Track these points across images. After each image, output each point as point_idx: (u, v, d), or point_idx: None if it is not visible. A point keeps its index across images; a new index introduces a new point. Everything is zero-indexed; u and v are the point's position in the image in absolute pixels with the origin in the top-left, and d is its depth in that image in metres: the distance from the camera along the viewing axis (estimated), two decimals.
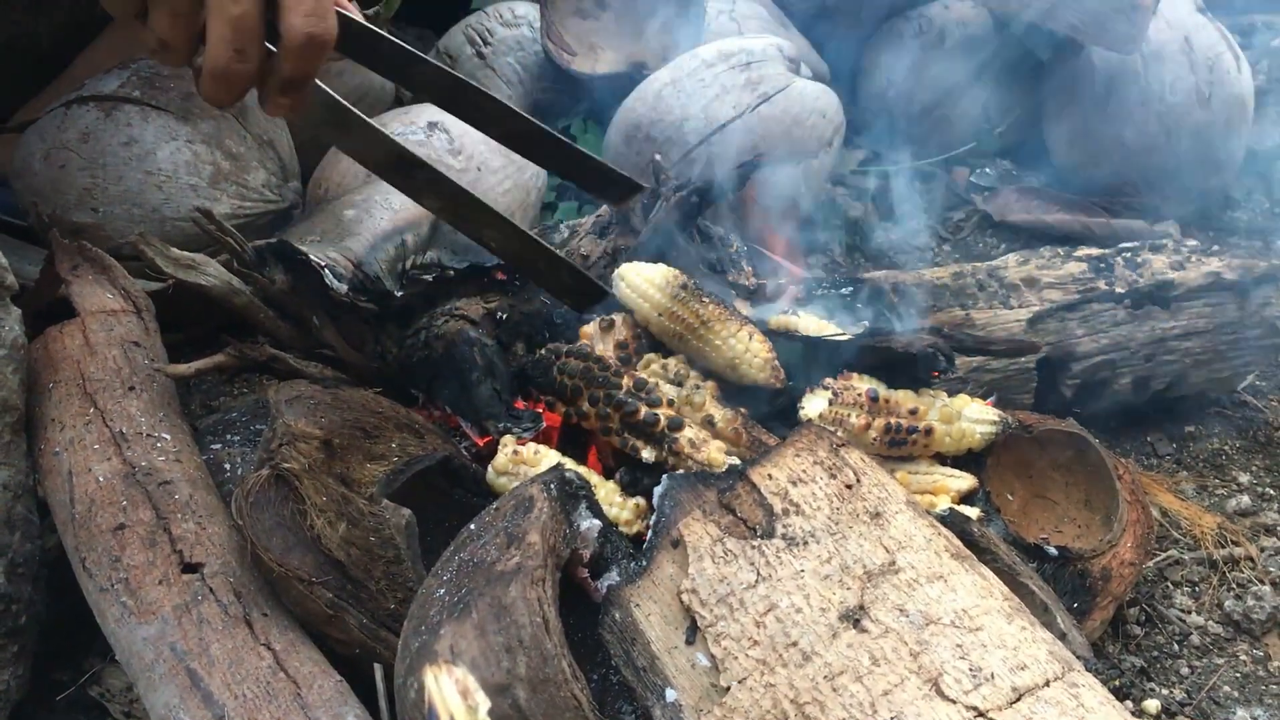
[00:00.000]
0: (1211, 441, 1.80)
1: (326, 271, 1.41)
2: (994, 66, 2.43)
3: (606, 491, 1.27)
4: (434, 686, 0.87)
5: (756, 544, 0.99)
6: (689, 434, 1.28)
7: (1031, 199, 2.45)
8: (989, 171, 2.57)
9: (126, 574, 1.12)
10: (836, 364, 1.45)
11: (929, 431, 1.39)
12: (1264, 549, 1.55)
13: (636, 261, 1.53)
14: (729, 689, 0.89)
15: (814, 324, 1.51)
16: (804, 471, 1.06)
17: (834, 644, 0.91)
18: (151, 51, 0.89)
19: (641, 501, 1.26)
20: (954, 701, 0.86)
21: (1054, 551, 1.30)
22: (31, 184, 1.77)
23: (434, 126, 1.99)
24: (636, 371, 1.40)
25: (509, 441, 1.34)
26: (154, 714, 1.04)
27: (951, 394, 1.46)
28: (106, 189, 1.73)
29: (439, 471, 1.30)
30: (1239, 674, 1.37)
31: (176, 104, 1.77)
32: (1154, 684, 1.35)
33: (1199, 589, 1.49)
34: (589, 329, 1.48)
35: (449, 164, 1.96)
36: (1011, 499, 1.46)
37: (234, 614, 1.09)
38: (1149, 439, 1.80)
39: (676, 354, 1.47)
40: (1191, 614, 1.45)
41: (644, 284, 1.46)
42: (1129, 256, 1.76)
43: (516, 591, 0.89)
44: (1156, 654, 1.40)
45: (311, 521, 1.10)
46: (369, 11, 2.31)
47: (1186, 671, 1.37)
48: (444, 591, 0.95)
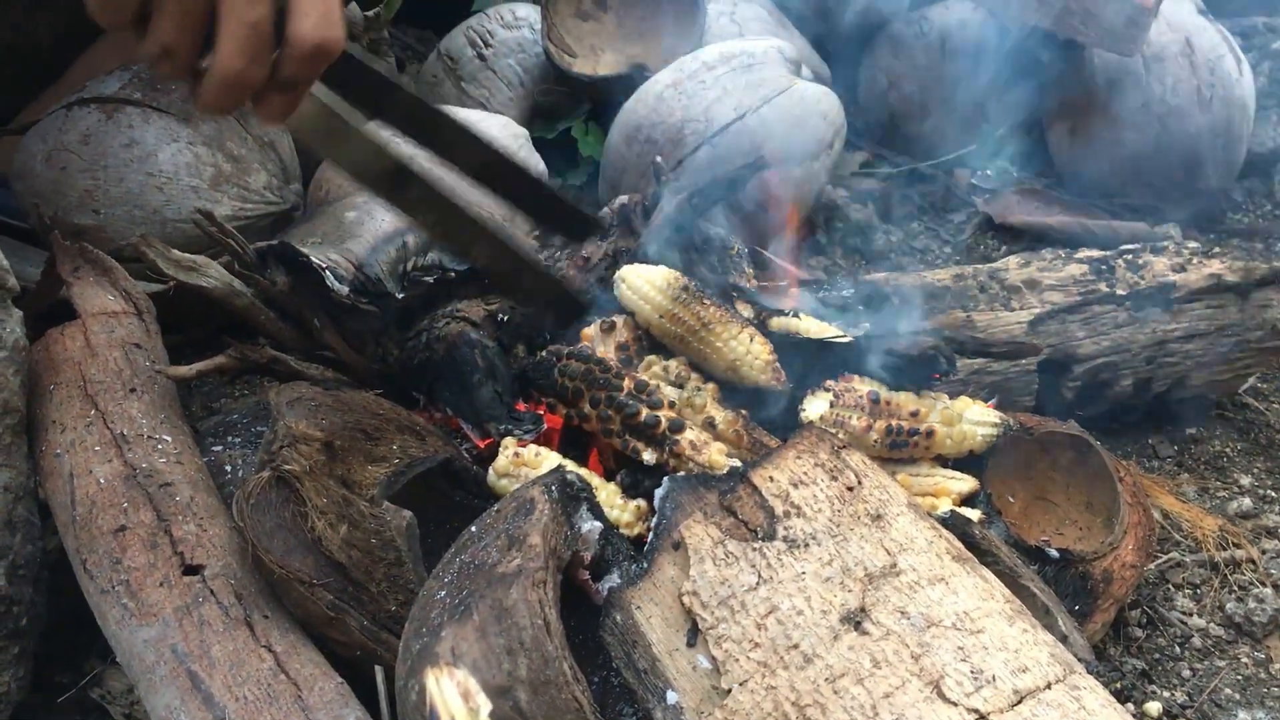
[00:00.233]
0: (1213, 444, 1.80)
1: (327, 273, 1.41)
2: (995, 68, 2.43)
3: (607, 493, 1.27)
4: (435, 689, 0.87)
5: (758, 546, 0.99)
6: (690, 436, 1.28)
7: (1033, 201, 2.45)
8: (990, 173, 2.57)
9: (127, 576, 1.12)
10: (837, 366, 1.45)
11: (930, 434, 1.39)
12: (1265, 551, 1.55)
13: (637, 263, 1.53)
14: (730, 691, 0.89)
15: (815, 326, 1.51)
16: (805, 474, 1.06)
17: (835, 646, 0.91)
18: (152, 59, 0.86)
19: (642, 503, 1.26)
20: (955, 704, 0.86)
21: (1055, 554, 1.30)
22: (33, 186, 1.77)
23: None
24: (637, 374, 1.40)
25: (510, 443, 1.34)
26: (155, 716, 1.04)
27: (953, 396, 1.46)
28: (108, 191, 1.73)
29: (440, 473, 1.30)
30: (1240, 676, 1.37)
31: (178, 106, 1.77)
32: (1155, 686, 1.35)
33: (1200, 591, 1.49)
34: (590, 331, 1.48)
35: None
36: (1013, 501, 1.45)
37: (235, 616, 1.09)
38: (1150, 441, 1.80)
39: (677, 356, 1.47)
40: (1193, 616, 1.45)
41: (645, 286, 1.46)
42: (1130, 259, 1.76)
43: (518, 594, 0.89)
44: (1158, 656, 1.40)
45: (312, 523, 1.10)
46: (370, 13, 2.31)
47: (1188, 674, 1.37)
48: (445, 594, 0.95)
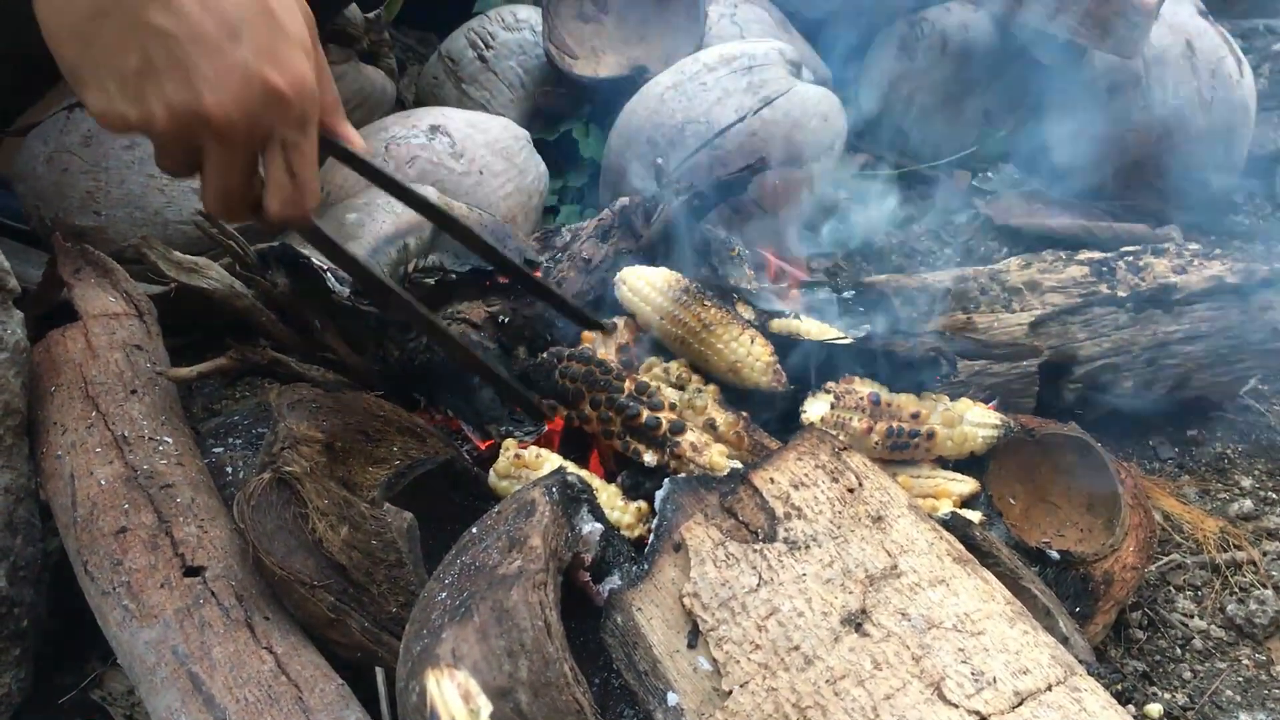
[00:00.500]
0: (1214, 445, 1.80)
1: (328, 275, 1.42)
2: (996, 70, 2.43)
3: (608, 495, 1.27)
4: (436, 690, 0.87)
5: (758, 548, 0.99)
6: (690, 438, 1.28)
7: (1034, 203, 2.45)
8: (991, 175, 2.57)
9: (128, 577, 1.12)
10: (838, 368, 1.45)
11: (931, 435, 1.39)
12: (1266, 553, 1.54)
13: (638, 265, 1.53)
14: (731, 693, 0.89)
15: (816, 328, 1.51)
16: (806, 475, 1.06)
17: (836, 648, 0.91)
18: (210, 204, 0.98)
19: (643, 505, 1.26)
20: (956, 706, 0.86)
21: (1056, 555, 1.30)
22: (34, 187, 1.78)
23: (436, 130, 2.00)
24: (638, 375, 1.40)
25: (511, 445, 1.34)
26: (156, 717, 1.04)
27: (953, 398, 1.46)
28: (109, 192, 1.73)
29: (441, 475, 1.30)
30: (1241, 678, 1.37)
31: None
32: (1156, 688, 1.35)
33: (1201, 593, 1.49)
34: (591, 332, 1.48)
35: (451, 167, 1.97)
36: (1014, 503, 1.45)
37: (236, 617, 1.09)
38: (1151, 443, 1.80)
39: (678, 357, 1.47)
40: (1194, 618, 1.45)
41: (646, 287, 1.46)
42: (1131, 260, 1.76)
43: (518, 595, 0.89)
44: (1159, 658, 1.39)
45: (313, 525, 1.10)
46: (371, 15, 2.31)
47: (1189, 676, 1.37)
48: (446, 595, 0.95)
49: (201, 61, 0.88)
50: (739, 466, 1.23)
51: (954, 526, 1.15)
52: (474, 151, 2.00)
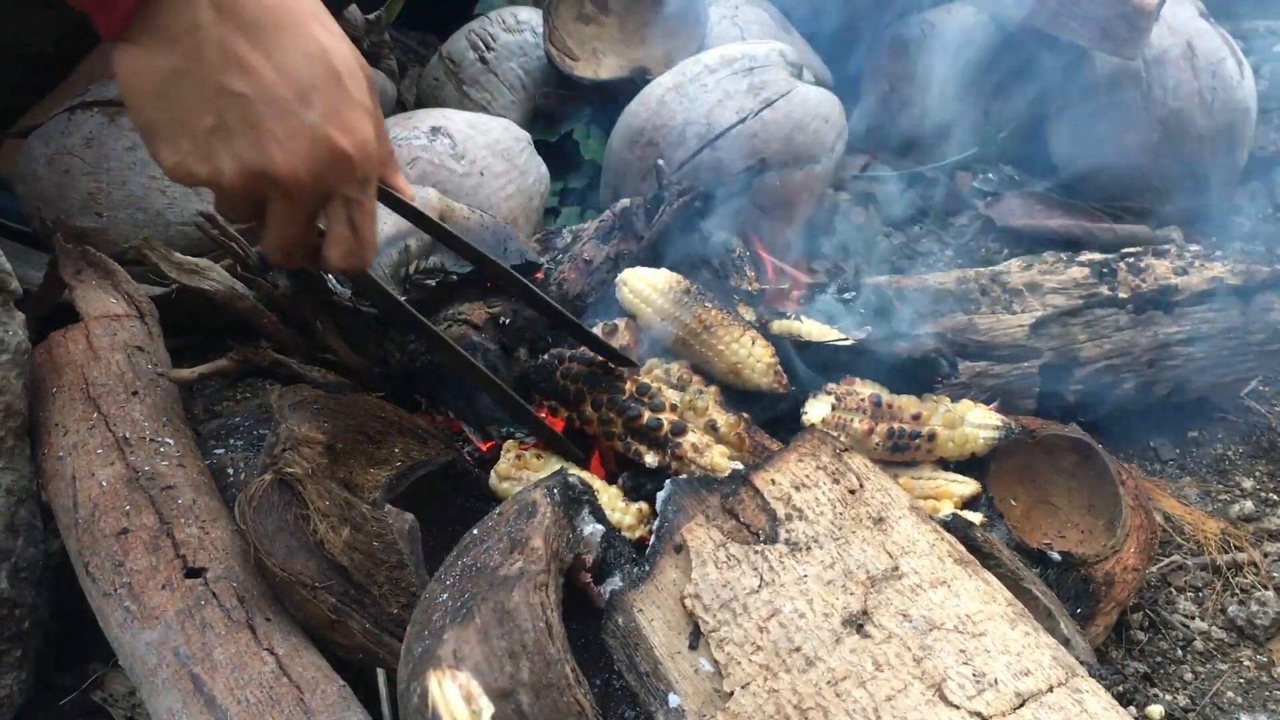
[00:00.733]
0: (1215, 447, 1.80)
1: (329, 277, 1.42)
2: (996, 71, 2.43)
3: (609, 496, 1.27)
4: (437, 691, 0.87)
5: (760, 549, 0.99)
6: (692, 438, 1.28)
7: (1034, 204, 2.45)
8: (991, 176, 2.57)
9: (130, 578, 1.12)
10: (839, 369, 1.45)
11: (932, 437, 1.39)
12: (1267, 554, 1.54)
13: (639, 266, 1.53)
14: (732, 694, 0.89)
15: (817, 329, 1.51)
16: (807, 476, 1.06)
17: (837, 649, 0.91)
18: (270, 250, 1.04)
19: (644, 506, 1.26)
20: (957, 707, 0.86)
21: (1057, 557, 1.30)
22: (35, 189, 1.78)
23: (437, 131, 2.00)
24: (639, 377, 1.40)
25: (512, 446, 1.34)
26: (156, 719, 1.04)
27: (954, 399, 1.46)
28: (110, 194, 1.73)
29: (442, 476, 1.30)
30: (1242, 680, 1.37)
31: None
32: (1157, 690, 1.35)
33: (1202, 594, 1.49)
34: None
35: (452, 169, 1.97)
36: (1015, 504, 1.45)
37: (237, 619, 1.09)
38: (1152, 444, 1.80)
39: (679, 359, 1.47)
40: (1195, 620, 1.45)
41: (647, 289, 1.46)
42: (1132, 262, 1.76)
43: (519, 596, 0.89)
44: (1160, 659, 1.39)
45: (314, 526, 1.10)
46: (371, 16, 2.31)
47: (1190, 677, 1.37)
48: (447, 596, 0.95)
49: (273, 123, 0.92)
50: (740, 467, 1.23)
51: (955, 528, 1.15)
52: (475, 153, 2.00)
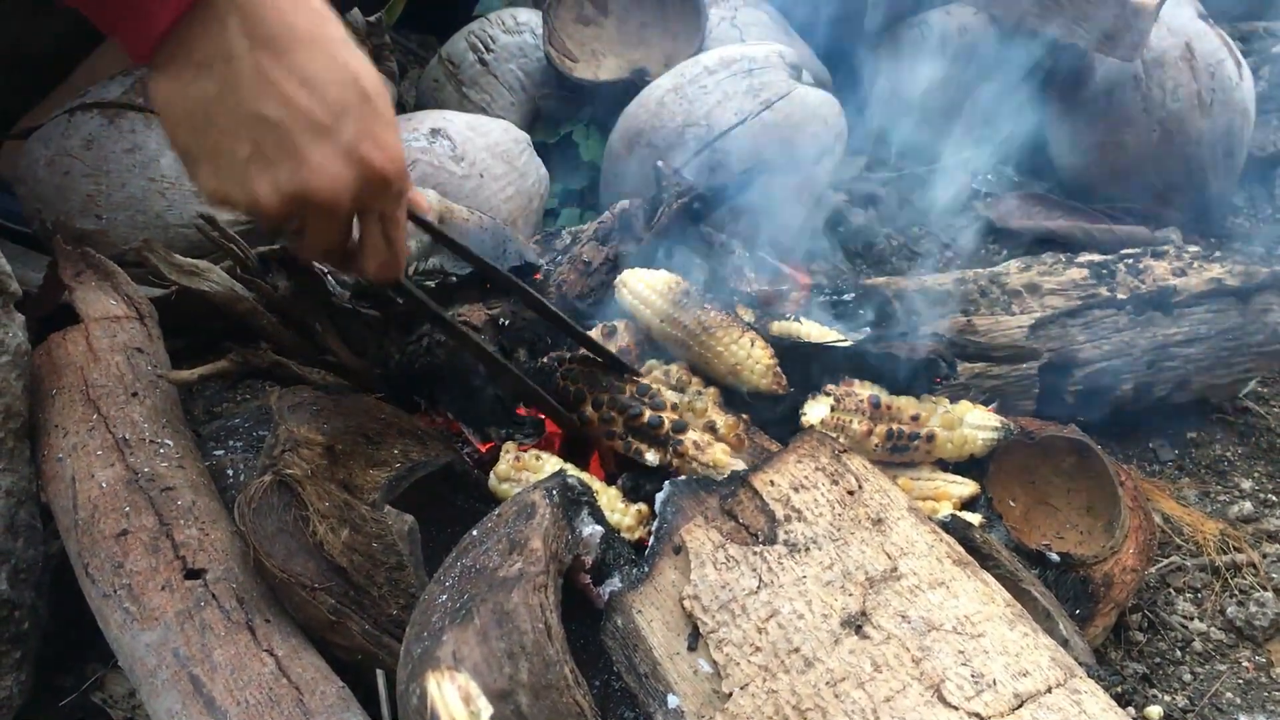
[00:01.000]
0: (1214, 448, 1.80)
1: (329, 278, 1.42)
2: (995, 73, 2.43)
3: (608, 497, 1.27)
4: (436, 693, 0.87)
5: (759, 550, 0.99)
6: (693, 436, 1.28)
7: (1033, 205, 2.45)
8: (990, 178, 2.57)
9: (129, 580, 1.12)
10: (838, 370, 1.45)
11: (931, 438, 1.39)
12: (1266, 555, 1.54)
13: (638, 268, 1.53)
14: (731, 695, 0.89)
15: (816, 330, 1.51)
16: (806, 478, 1.06)
17: (836, 650, 0.91)
18: (309, 256, 1.08)
19: (643, 507, 1.26)
20: (956, 708, 0.86)
21: (1056, 558, 1.30)
22: (35, 191, 1.78)
23: (436, 133, 2.00)
24: (639, 378, 1.40)
25: (511, 447, 1.34)
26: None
27: (953, 400, 1.46)
28: (110, 195, 1.73)
29: (441, 477, 1.31)
30: (1241, 680, 1.37)
31: None
32: (1156, 690, 1.35)
33: (1201, 595, 1.49)
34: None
35: (452, 170, 1.97)
36: (1013, 505, 1.46)
37: (236, 620, 1.10)
38: (1151, 445, 1.80)
39: (678, 360, 1.47)
40: (1194, 620, 1.45)
41: (646, 290, 1.46)
42: (1131, 263, 1.76)
43: (519, 598, 0.89)
44: (1159, 660, 1.40)
45: (314, 527, 1.10)
46: (372, 18, 2.31)
47: (1189, 678, 1.37)
48: (446, 597, 0.95)
49: (310, 149, 0.92)
50: (740, 466, 1.23)
51: (954, 529, 1.15)
52: (474, 154, 2.00)
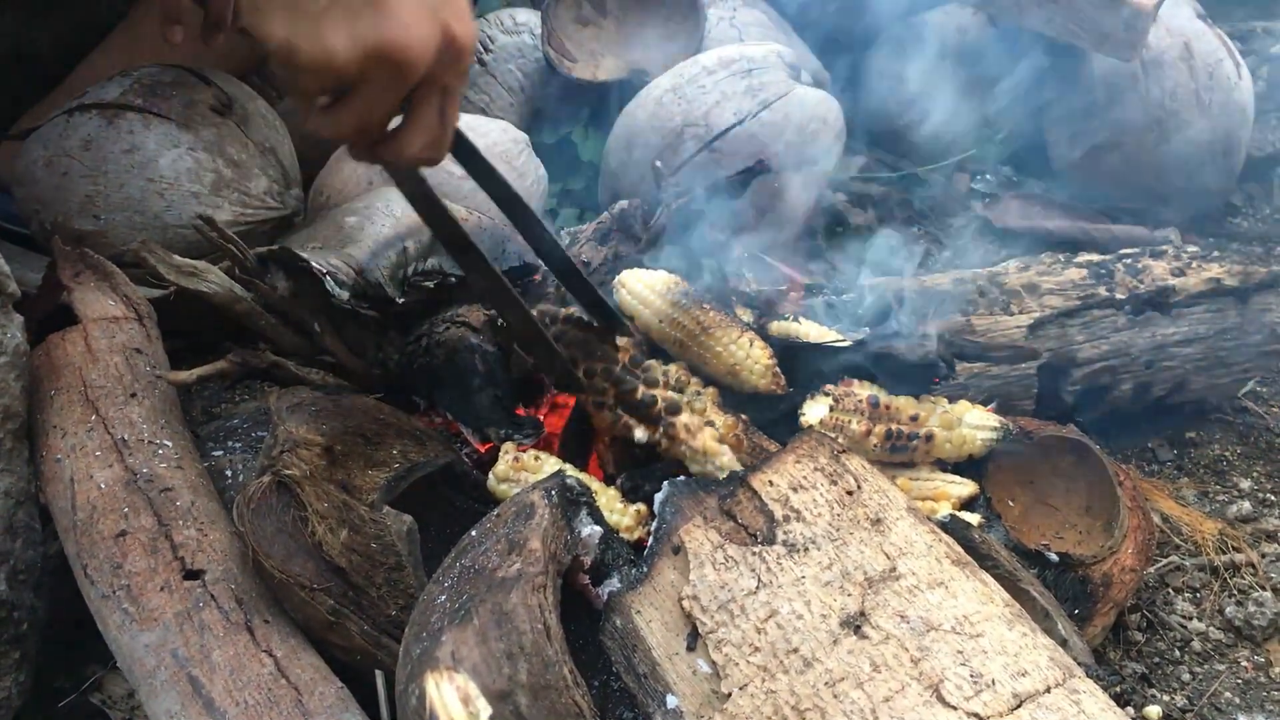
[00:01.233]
0: (1212, 448, 1.80)
1: (328, 278, 1.42)
2: (994, 73, 2.44)
3: (607, 498, 1.27)
4: (435, 693, 0.87)
5: (757, 550, 0.99)
6: (685, 419, 1.27)
7: (1032, 205, 2.46)
8: (989, 178, 2.57)
9: (128, 581, 1.12)
10: (837, 370, 1.45)
11: (929, 438, 1.39)
12: (1265, 555, 1.55)
13: (637, 268, 1.53)
14: (730, 695, 0.89)
15: (815, 330, 1.52)
16: (805, 478, 1.06)
17: (835, 650, 0.91)
18: (340, 131, 0.98)
19: (642, 508, 1.26)
20: (955, 708, 0.86)
21: (1055, 557, 1.30)
22: (33, 191, 1.78)
23: None
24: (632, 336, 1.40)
25: (510, 448, 1.34)
26: None
27: (952, 400, 1.46)
28: (108, 196, 1.73)
29: (440, 478, 1.31)
30: (1240, 680, 1.37)
31: (178, 111, 1.77)
32: (1155, 690, 1.35)
33: (1200, 595, 1.49)
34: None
35: (451, 170, 1.97)
36: (1012, 505, 1.46)
37: (235, 621, 1.09)
38: (1150, 445, 1.80)
39: (677, 360, 1.47)
40: (1193, 620, 1.45)
41: (645, 290, 1.46)
42: (1129, 263, 1.76)
43: (518, 598, 0.89)
44: (1158, 660, 1.40)
45: (313, 528, 1.10)
46: None
47: (1188, 678, 1.37)
48: (445, 598, 0.95)
49: (396, 3, 0.91)
50: (728, 455, 1.22)
51: (953, 529, 1.15)
52: None
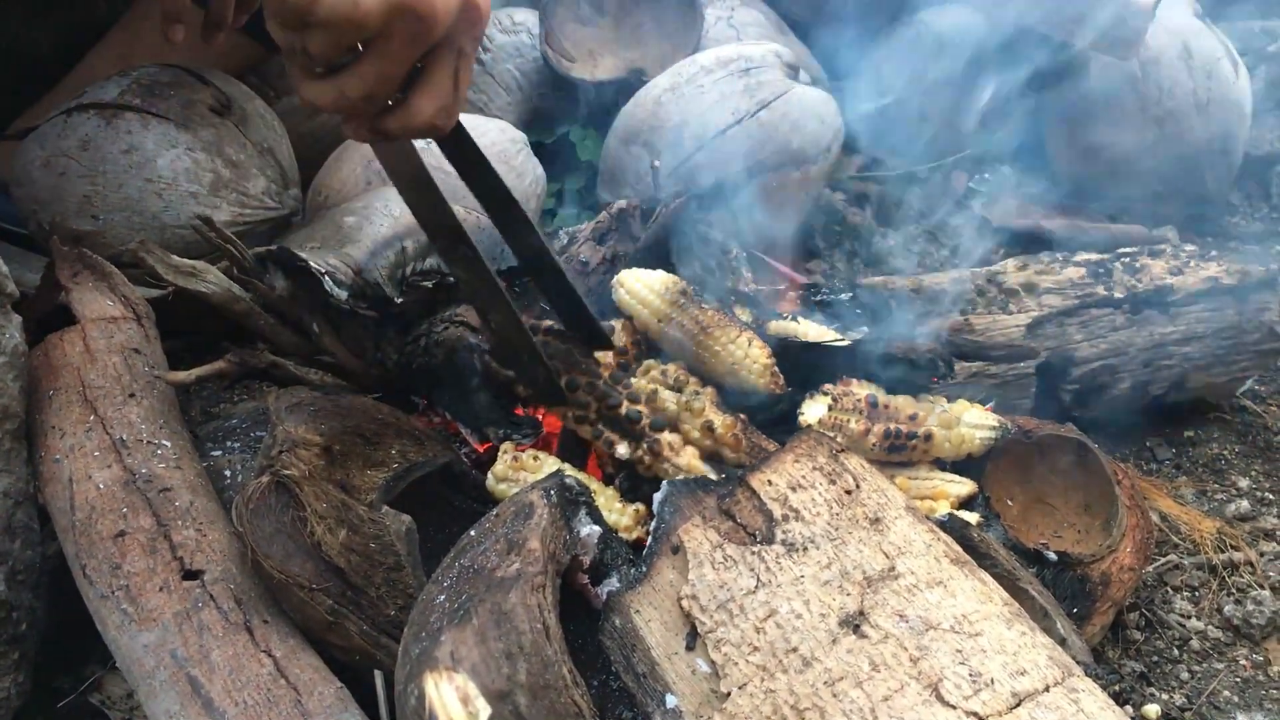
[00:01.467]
0: (1210, 446, 1.80)
1: (326, 278, 1.42)
2: (992, 72, 2.44)
3: (606, 498, 1.27)
4: (434, 693, 0.87)
5: (756, 550, 0.99)
6: (669, 438, 1.28)
7: (1030, 204, 2.46)
8: (988, 177, 2.57)
9: (127, 581, 1.12)
10: (836, 370, 1.45)
11: (928, 437, 1.39)
12: (1263, 554, 1.55)
13: (636, 268, 1.53)
14: (729, 695, 0.89)
15: (813, 330, 1.52)
16: (803, 477, 1.06)
17: (834, 650, 0.91)
18: (344, 100, 0.96)
19: (641, 507, 1.26)
20: (954, 707, 0.86)
21: (1053, 556, 1.31)
22: (31, 191, 1.77)
23: None
24: (636, 378, 1.40)
25: (509, 448, 1.34)
26: None
27: (951, 399, 1.46)
28: (106, 196, 1.73)
29: (439, 478, 1.31)
30: (1239, 679, 1.37)
31: (176, 111, 1.77)
32: (1154, 689, 1.35)
33: (1198, 594, 1.49)
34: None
35: (449, 170, 1.97)
36: (1011, 504, 1.46)
37: (234, 621, 1.09)
38: (1148, 444, 1.80)
39: (676, 360, 1.47)
40: (1191, 619, 1.45)
41: (643, 290, 1.46)
42: (1127, 262, 1.76)
43: (517, 598, 0.89)
44: (1156, 659, 1.40)
45: (312, 528, 1.10)
46: None
47: (1186, 676, 1.37)
48: (444, 598, 0.95)
49: None
50: (711, 475, 1.23)
51: (951, 528, 1.15)
52: None
